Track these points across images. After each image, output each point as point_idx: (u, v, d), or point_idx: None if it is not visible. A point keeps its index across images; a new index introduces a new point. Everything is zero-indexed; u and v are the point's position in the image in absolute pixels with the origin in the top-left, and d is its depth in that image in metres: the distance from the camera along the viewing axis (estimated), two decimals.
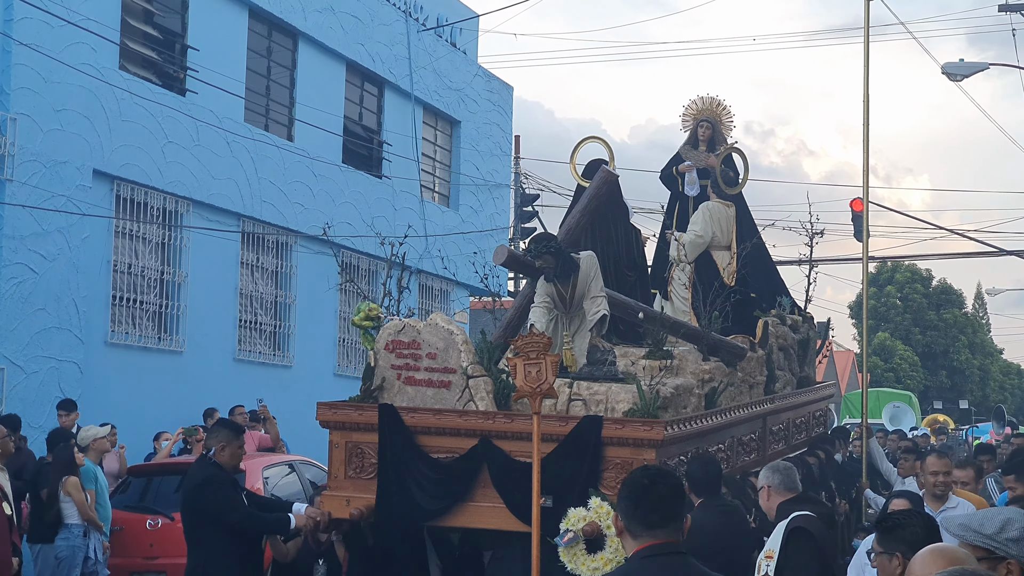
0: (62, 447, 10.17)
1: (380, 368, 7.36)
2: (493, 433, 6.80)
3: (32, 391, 13.20)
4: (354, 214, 18.55)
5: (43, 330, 13.34)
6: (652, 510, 3.31)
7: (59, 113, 13.61)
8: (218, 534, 6.82)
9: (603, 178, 8.74)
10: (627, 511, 3.36)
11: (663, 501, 3.32)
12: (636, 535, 3.33)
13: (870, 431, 11.98)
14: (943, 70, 18.06)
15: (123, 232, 14.73)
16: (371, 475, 7.05)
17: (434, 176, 21.71)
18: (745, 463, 8.68)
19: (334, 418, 7.26)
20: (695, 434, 7.29)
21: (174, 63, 15.80)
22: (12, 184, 13.00)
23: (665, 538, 3.31)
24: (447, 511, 6.87)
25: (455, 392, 7.18)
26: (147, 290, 15.09)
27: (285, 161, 17.24)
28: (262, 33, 17.37)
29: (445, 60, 21.22)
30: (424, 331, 7.28)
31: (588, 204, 8.61)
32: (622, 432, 6.55)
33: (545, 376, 5.88)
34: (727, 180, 10.42)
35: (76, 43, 13.70)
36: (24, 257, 13.17)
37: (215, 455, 7.00)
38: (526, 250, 7.93)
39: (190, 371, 15.34)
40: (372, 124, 19.98)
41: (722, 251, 10.38)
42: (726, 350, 8.69)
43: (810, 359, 11.31)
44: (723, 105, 10.81)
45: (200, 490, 6.91)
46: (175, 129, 15.23)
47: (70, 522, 9.84)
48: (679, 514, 3.36)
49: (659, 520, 3.31)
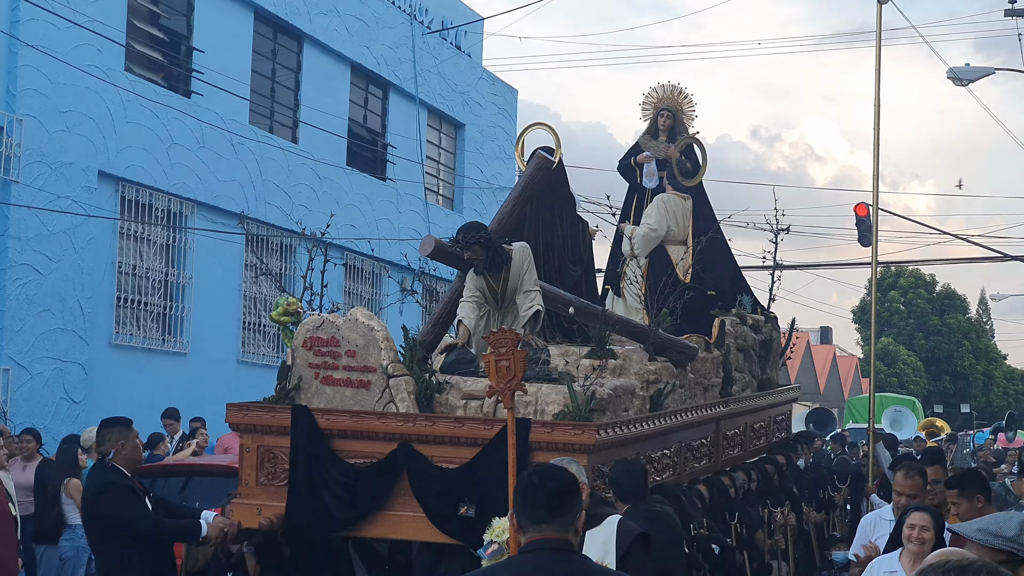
0: (65, 448, 10.18)
1: (297, 367, 6.87)
2: (414, 437, 6.37)
3: (37, 392, 13.22)
4: (358, 216, 18.56)
5: (48, 331, 13.36)
6: (538, 506, 3.40)
7: (65, 115, 13.63)
8: (123, 543, 6.24)
9: (537, 164, 7.99)
10: (516, 507, 3.48)
11: (549, 497, 3.41)
12: (525, 530, 3.44)
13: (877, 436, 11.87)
14: (949, 74, 18.02)
15: (128, 234, 14.75)
16: (284, 482, 6.57)
17: (438, 179, 21.73)
18: (695, 470, 8.19)
19: (244, 420, 6.76)
20: (634, 438, 6.82)
21: (179, 65, 15.83)
22: (18, 185, 13.02)
23: (552, 533, 3.39)
24: (362, 520, 6.41)
25: (375, 392, 6.67)
26: (151, 292, 15.11)
27: (289, 163, 17.25)
28: (267, 35, 17.39)
29: (450, 63, 21.24)
30: (344, 327, 6.80)
31: (522, 192, 7.92)
32: (551, 436, 6.14)
33: (515, 372, 5.55)
34: (684, 171, 9.84)
35: (82, 45, 13.73)
36: (29, 258, 13.19)
37: (114, 458, 6.33)
38: (454, 240, 7.28)
39: (194, 372, 15.36)
40: (376, 127, 19.99)
41: (677, 246, 9.78)
42: (675, 349, 8.07)
43: (773, 361, 10.71)
44: (684, 94, 10.29)
45: (100, 498, 6.29)
46: (180, 131, 15.25)
47: (73, 523, 9.83)
48: (568, 511, 3.43)
49: (545, 516, 3.39)
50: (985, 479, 6.22)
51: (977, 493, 5.82)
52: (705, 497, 7.87)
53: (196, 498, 9.12)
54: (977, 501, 5.79)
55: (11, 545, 7.96)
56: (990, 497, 6.00)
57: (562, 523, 3.41)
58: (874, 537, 6.53)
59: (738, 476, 8.72)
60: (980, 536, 3.49)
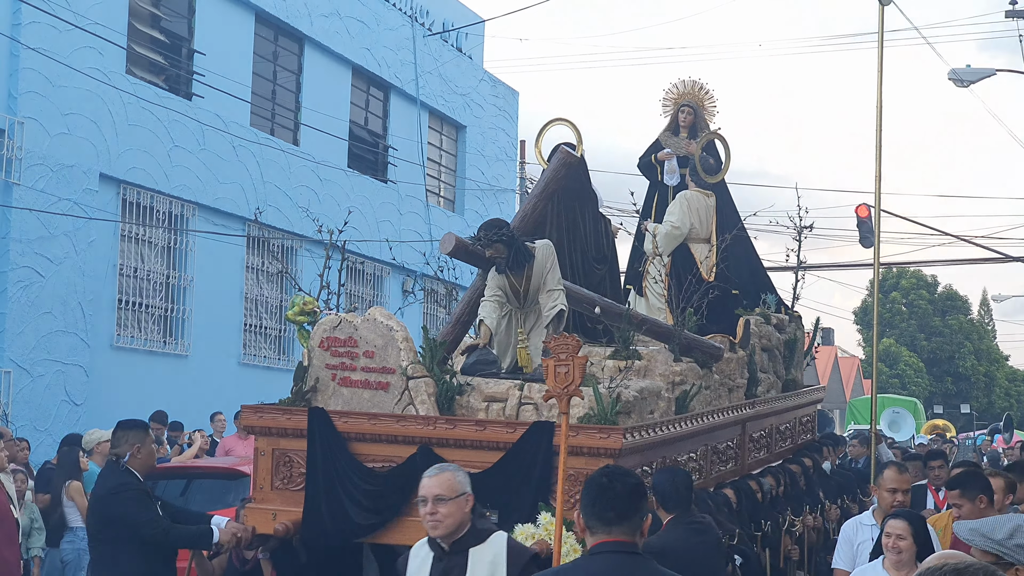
0: (67, 451, 10.17)
1: (314, 368, 6.70)
2: (434, 440, 6.18)
3: (38, 394, 13.23)
4: (359, 219, 18.56)
5: (49, 333, 13.37)
6: (608, 508, 3.43)
7: (66, 117, 13.65)
8: (128, 548, 6.04)
9: (561, 160, 7.78)
10: (585, 508, 3.50)
11: (619, 499, 3.44)
12: (593, 531, 3.46)
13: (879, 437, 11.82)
14: (950, 76, 18.01)
15: (129, 236, 14.76)
16: (300, 486, 6.39)
17: (439, 181, 21.74)
18: (721, 473, 7.97)
19: (259, 423, 6.57)
20: (661, 442, 6.64)
21: (180, 68, 15.84)
22: (19, 188, 13.04)
23: (620, 536, 3.42)
24: (381, 526, 6.18)
25: (394, 394, 6.49)
26: (153, 294, 15.12)
27: (291, 165, 17.26)
28: (268, 38, 17.41)
29: (451, 65, 21.25)
30: (362, 327, 6.59)
31: (545, 188, 7.72)
32: (576, 440, 5.93)
33: (574, 377, 5.45)
34: (706, 167, 9.57)
35: (83, 47, 13.74)
36: (31, 261, 13.20)
37: (128, 461, 6.18)
38: (475, 238, 7.06)
39: (195, 374, 15.36)
40: (378, 129, 20.01)
41: (701, 244, 9.53)
42: (700, 350, 7.89)
43: (797, 361, 10.48)
44: (705, 89, 10.05)
45: (112, 498, 6.11)
46: (181, 133, 15.26)
47: (75, 525, 9.82)
48: (636, 513, 3.46)
49: (614, 518, 3.42)
50: (987, 479, 6.09)
51: (979, 493, 5.70)
52: (733, 502, 7.59)
53: (197, 500, 9.13)
54: (980, 502, 5.66)
55: (14, 548, 7.96)
56: (993, 498, 5.86)
57: (631, 525, 3.45)
58: (856, 543, 6.38)
59: (765, 480, 8.45)
60: (970, 537, 3.49)
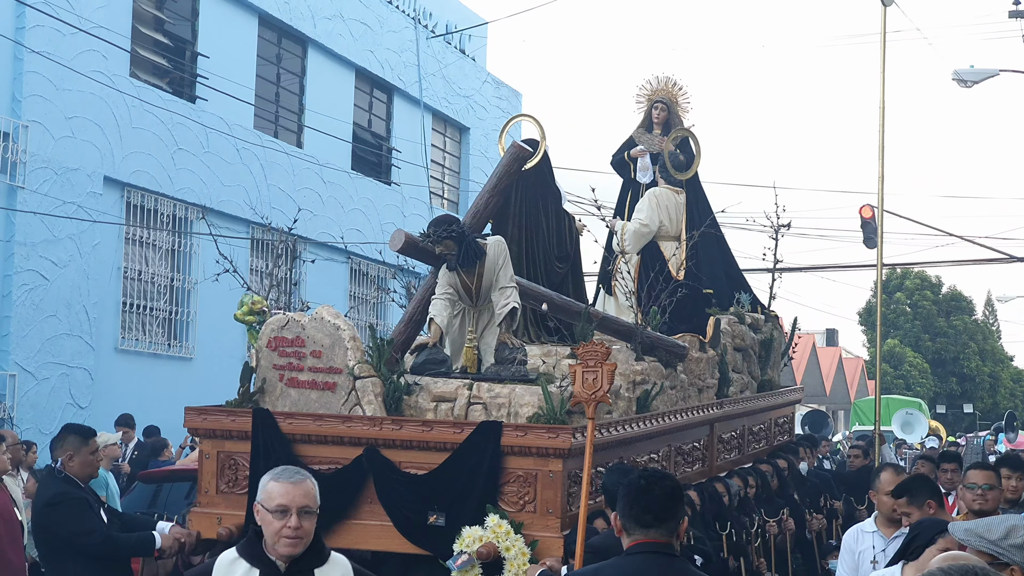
0: None
1: (261, 368, 6.60)
2: (380, 441, 6.07)
3: (43, 397, 13.25)
4: (363, 221, 18.58)
5: (54, 336, 13.39)
6: (646, 510, 3.52)
7: (70, 120, 13.66)
8: (75, 556, 5.93)
9: (513, 154, 7.55)
10: (623, 510, 3.58)
11: (657, 502, 3.53)
12: (630, 532, 3.56)
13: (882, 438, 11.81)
14: (953, 76, 18.00)
15: (133, 239, 14.78)
16: (245, 490, 6.23)
17: (443, 183, 21.75)
18: (687, 475, 7.81)
19: (204, 425, 6.47)
20: (617, 442, 6.47)
21: (184, 70, 15.86)
22: (23, 191, 13.05)
23: (657, 537, 3.51)
24: (327, 530, 5.89)
25: (341, 395, 6.36)
26: (157, 296, 15.13)
27: (294, 168, 17.28)
28: (272, 40, 17.42)
29: (454, 67, 21.27)
30: (309, 326, 6.51)
31: (497, 184, 7.47)
32: (524, 440, 5.80)
33: (601, 383, 5.49)
34: (676, 164, 9.41)
35: (87, 51, 13.76)
36: (35, 264, 13.22)
37: (63, 466, 6.02)
38: (424, 234, 6.93)
39: (200, 377, 15.36)
40: (381, 131, 20.02)
41: (670, 241, 9.35)
42: (664, 349, 7.72)
43: (774, 361, 10.25)
44: (679, 85, 9.92)
45: (50, 510, 5.96)
46: (185, 136, 15.28)
47: None
48: (673, 516, 3.55)
49: (652, 520, 3.51)
50: (935, 484, 5.88)
51: (928, 499, 5.46)
52: (696, 504, 7.44)
53: None
54: (928, 507, 5.42)
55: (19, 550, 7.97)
56: (942, 503, 5.62)
57: (668, 528, 3.54)
58: (858, 551, 6.18)
59: (732, 482, 8.29)
60: (965, 537, 3.49)
